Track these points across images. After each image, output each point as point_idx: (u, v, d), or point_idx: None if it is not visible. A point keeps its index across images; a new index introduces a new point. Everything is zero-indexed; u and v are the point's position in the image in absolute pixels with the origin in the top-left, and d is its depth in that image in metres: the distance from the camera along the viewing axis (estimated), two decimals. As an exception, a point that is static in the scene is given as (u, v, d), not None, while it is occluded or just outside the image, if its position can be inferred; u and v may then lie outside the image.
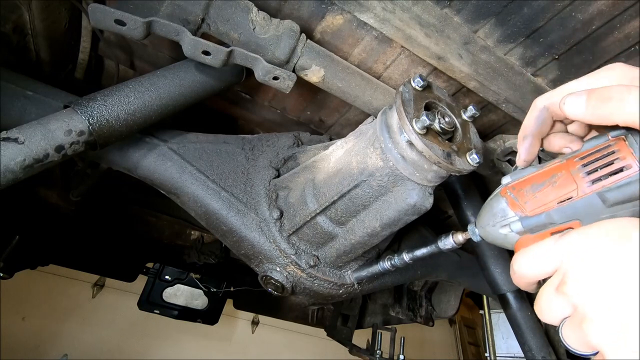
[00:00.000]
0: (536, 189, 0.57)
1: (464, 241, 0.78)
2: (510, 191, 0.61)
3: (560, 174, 0.55)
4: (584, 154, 0.54)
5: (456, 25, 1.06)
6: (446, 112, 0.87)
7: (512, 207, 0.60)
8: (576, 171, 0.54)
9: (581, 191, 0.52)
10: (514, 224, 0.60)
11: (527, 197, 0.58)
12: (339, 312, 2.90)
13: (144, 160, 1.11)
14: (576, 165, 0.54)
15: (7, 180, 0.77)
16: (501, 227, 0.62)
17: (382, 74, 1.25)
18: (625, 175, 0.49)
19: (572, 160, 0.55)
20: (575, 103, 0.52)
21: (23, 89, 1.00)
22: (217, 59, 0.95)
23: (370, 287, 1.29)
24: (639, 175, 0.48)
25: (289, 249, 1.09)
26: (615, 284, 0.43)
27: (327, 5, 1.05)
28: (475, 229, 0.70)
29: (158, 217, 2.18)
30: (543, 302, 0.50)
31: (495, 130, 1.41)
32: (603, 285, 0.43)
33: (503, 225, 0.62)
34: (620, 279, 0.42)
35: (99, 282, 4.34)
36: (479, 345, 6.32)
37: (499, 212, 0.62)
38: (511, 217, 0.60)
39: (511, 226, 0.60)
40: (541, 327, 1.52)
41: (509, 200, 0.61)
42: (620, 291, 0.42)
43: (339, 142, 1.05)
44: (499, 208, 0.62)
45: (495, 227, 0.63)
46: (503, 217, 0.62)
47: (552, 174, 0.56)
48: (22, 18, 1.09)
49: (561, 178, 0.55)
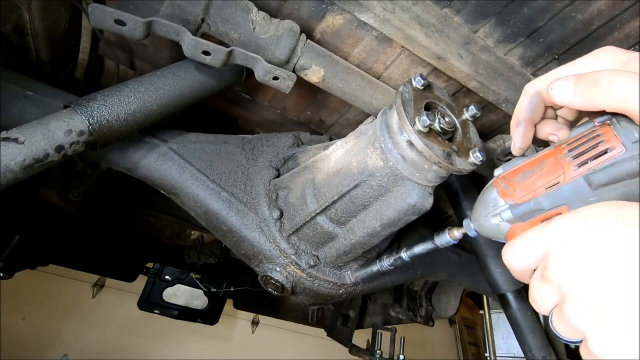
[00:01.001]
0: (525, 177, 0.58)
1: (460, 236, 0.77)
2: (502, 181, 0.62)
3: (548, 161, 0.56)
4: (571, 140, 0.55)
5: (456, 25, 1.06)
6: (446, 112, 0.87)
7: (503, 196, 0.61)
8: (563, 156, 0.54)
9: (568, 175, 0.53)
10: (504, 213, 0.60)
11: (517, 185, 0.59)
12: (339, 312, 2.90)
13: (144, 160, 1.11)
14: (563, 151, 0.55)
15: (7, 180, 0.77)
16: (492, 217, 0.62)
17: (382, 74, 1.25)
18: (610, 156, 0.50)
19: (560, 147, 0.56)
20: (563, 88, 0.52)
21: (23, 89, 1.00)
22: (217, 59, 0.95)
23: (370, 287, 1.29)
24: (622, 156, 0.49)
25: (289, 249, 1.09)
26: (594, 265, 0.42)
27: (327, 5, 1.05)
28: (470, 223, 0.70)
29: (158, 217, 2.18)
30: (532, 292, 0.51)
31: (495, 130, 1.41)
32: (582, 266, 0.43)
33: (494, 214, 0.62)
34: (599, 260, 0.42)
35: (99, 282, 4.34)
36: (479, 345, 6.32)
37: (490, 202, 0.63)
38: (501, 205, 0.61)
39: (502, 215, 0.61)
40: (541, 327, 1.52)
41: (499, 189, 0.62)
42: (600, 272, 0.42)
43: (339, 142, 1.05)
44: (490, 198, 0.63)
45: (487, 218, 0.63)
46: (494, 206, 0.62)
47: (541, 161, 0.57)
48: (22, 18, 1.09)
49: (549, 164, 0.55)
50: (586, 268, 0.43)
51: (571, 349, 1.66)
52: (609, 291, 0.40)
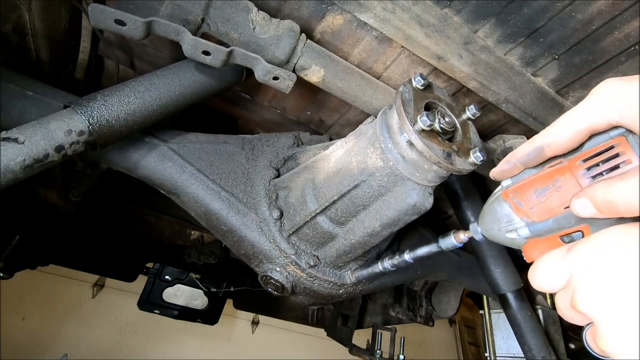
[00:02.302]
0: (540, 194, 0.56)
1: (466, 240, 0.77)
2: (513, 195, 0.60)
3: (563, 178, 0.54)
4: (586, 155, 0.53)
5: (456, 25, 1.06)
6: (446, 112, 0.87)
7: (517, 213, 0.60)
8: (580, 175, 0.53)
9: None
10: (521, 230, 0.60)
11: (532, 203, 0.57)
12: (339, 312, 2.90)
13: (144, 160, 1.11)
14: (580, 169, 0.53)
15: (7, 180, 0.77)
16: (507, 232, 0.62)
17: (382, 74, 1.25)
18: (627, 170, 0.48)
19: (574, 162, 0.54)
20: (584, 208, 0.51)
21: (23, 89, 1.00)
22: (217, 59, 0.95)
23: (370, 287, 1.29)
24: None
25: (289, 249, 1.09)
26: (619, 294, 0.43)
27: (327, 5, 1.05)
28: (478, 228, 0.69)
29: (158, 217, 2.18)
30: (563, 313, 0.52)
31: (495, 130, 1.41)
32: (607, 297, 0.44)
33: (509, 230, 0.62)
34: (624, 288, 0.42)
35: (99, 282, 4.34)
36: (479, 345, 6.32)
37: (503, 217, 0.62)
38: (517, 222, 0.60)
39: (518, 232, 0.60)
40: (541, 327, 1.52)
41: (512, 205, 0.61)
42: (625, 301, 0.42)
43: (339, 142, 1.05)
44: (503, 213, 0.62)
45: (501, 232, 0.63)
46: (508, 222, 0.61)
47: (555, 177, 0.55)
48: (22, 18, 1.09)
49: (565, 182, 0.54)
50: (612, 298, 0.43)
51: (571, 349, 1.66)
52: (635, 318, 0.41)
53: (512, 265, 1.50)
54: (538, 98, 1.20)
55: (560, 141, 0.54)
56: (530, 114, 1.21)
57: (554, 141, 0.55)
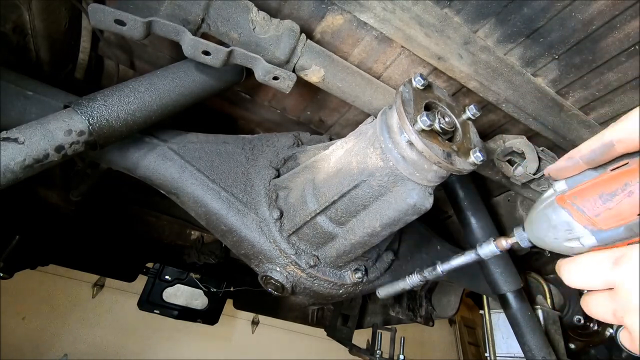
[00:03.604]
0: (607, 200, 0.51)
1: (508, 247, 0.72)
2: (572, 200, 0.55)
3: (633, 183, 0.49)
4: None
5: (456, 25, 1.06)
6: (446, 112, 0.87)
7: (579, 220, 0.54)
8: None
9: None
10: (586, 239, 0.54)
11: (598, 209, 0.52)
12: (339, 312, 2.90)
13: (144, 160, 1.11)
14: None
15: (7, 180, 0.77)
16: (567, 241, 0.56)
17: (382, 74, 1.25)
18: None
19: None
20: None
21: (23, 89, 1.01)
22: (217, 59, 0.95)
23: (370, 287, 1.29)
24: None
25: (289, 249, 1.09)
26: None
27: (327, 5, 1.05)
28: (524, 234, 0.64)
29: (158, 217, 2.18)
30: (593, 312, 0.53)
31: (495, 130, 1.41)
32: None
33: (569, 239, 0.56)
34: None
35: (99, 282, 4.34)
36: (479, 345, 6.31)
37: (561, 225, 0.56)
38: (579, 231, 0.54)
39: (581, 241, 0.54)
40: (541, 327, 1.52)
41: (572, 211, 0.55)
42: None
43: (339, 142, 1.05)
44: (560, 220, 0.56)
45: (559, 240, 0.57)
46: (568, 230, 0.56)
47: (624, 181, 0.50)
48: (22, 18, 1.09)
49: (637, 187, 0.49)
50: None
51: (571, 349, 1.66)
52: None
53: (512, 265, 1.50)
54: (538, 98, 1.20)
55: (635, 137, 0.48)
56: (530, 114, 1.21)
57: (628, 137, 0.49)
